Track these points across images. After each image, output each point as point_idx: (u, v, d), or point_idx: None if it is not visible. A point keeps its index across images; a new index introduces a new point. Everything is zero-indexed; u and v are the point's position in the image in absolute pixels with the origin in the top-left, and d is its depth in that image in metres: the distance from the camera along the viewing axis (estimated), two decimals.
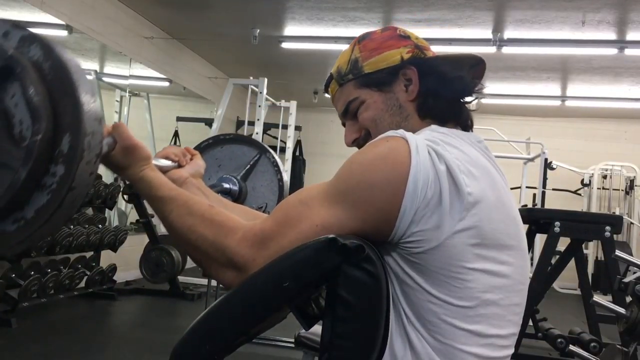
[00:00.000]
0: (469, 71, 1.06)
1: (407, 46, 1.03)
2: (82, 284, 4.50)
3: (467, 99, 1.05)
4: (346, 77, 1.06)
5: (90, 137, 0.77)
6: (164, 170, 1.14)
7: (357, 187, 0.86)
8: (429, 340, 0.86)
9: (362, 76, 1.04)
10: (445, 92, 1.01)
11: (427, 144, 0.87)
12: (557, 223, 3.35)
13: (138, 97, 6.50)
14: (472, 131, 1.05)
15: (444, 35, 5.56)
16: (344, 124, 1.10)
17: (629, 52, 5.49)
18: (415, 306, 0.87)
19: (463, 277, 0.84)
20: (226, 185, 1.44)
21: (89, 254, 4.58)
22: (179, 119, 7.27)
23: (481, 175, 0.88)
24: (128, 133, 1.00)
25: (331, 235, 0.83)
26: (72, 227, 4.20)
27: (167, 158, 1.21)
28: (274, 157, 1.53)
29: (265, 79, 5.37)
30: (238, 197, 1.47)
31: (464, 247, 0.84)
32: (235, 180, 1.45)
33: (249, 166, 1.49)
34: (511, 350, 0.93)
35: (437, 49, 1.07)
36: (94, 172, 0.80)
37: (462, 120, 1.03)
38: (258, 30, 5.74)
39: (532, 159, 6.53)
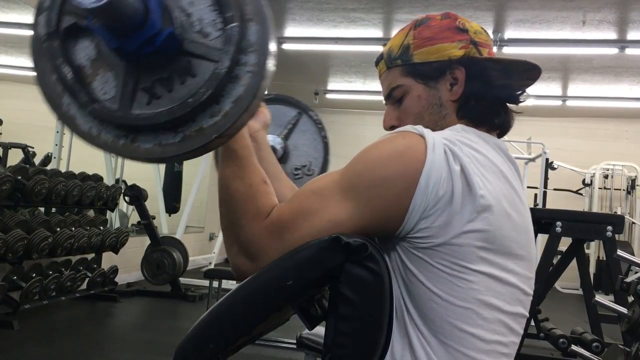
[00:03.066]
0: (520, 75, 1.03)
1: (462, 41, 1.00)
2: (84, 286, 4.50)
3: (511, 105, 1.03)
4: (395, 62, 1.04)
5: (272, 29, 0.77)
6: None
7: (371, 183, 0.86)
8: (430, 340, 0.86)
9: (411, 65, 1.02)
10: (488, 98, 1.00)
11: (444, 143, 0.86)
12: (559, 223, 3.35)
13: None
14: (502, 135, 1.03)
15: None
16: (386, 103, 1.09)
17: (629, 51, 5.50)
18: (419, 304, 0.87)
19: (466, 278, 0.84)
20: (271, 144, 1.41)
21: (90, 256, 4.58)
22: None
23: (496, 180, 0.88)
24: None
25: (334, 234, 0.83)
26: (73, 229, 4.21)
27: None
28: (316, 116, 1.49)
29: None
30: (283, 156, 1.44)
31: (470, 248, 0.83)
32: (279, 139, 1.44)
33: (290, 125, 1.47)
34: (511, 359, 0.93)
35: None
36: (275, 63, 0.79)
37: (496, 126, 1.01)
38: None
39: (533, 159, 6.53)
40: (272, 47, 0.76)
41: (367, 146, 0.90)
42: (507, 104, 1.03)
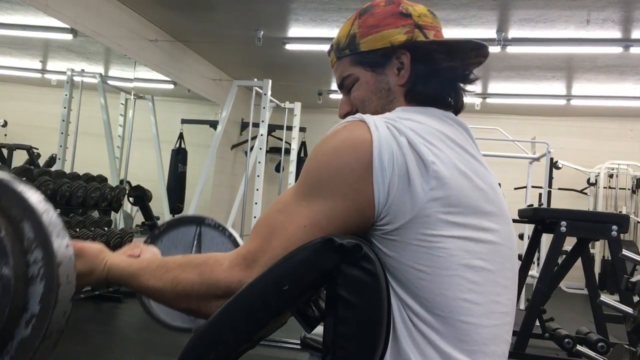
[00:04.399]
0: (467, 55, 1.04)
1: (406, 26, 1.01)
2: (88, 287, 4.51)
3: (462, 86, 1.04)
4: (343, 52, 1.06)
5: (47, 213, 0.78)
6: None
7: (327, 175, 0.87)
8: (427, 319, 0.85)
9: (358, 54, 1.04)
10: (434, 80, 1.01)
11: (385, 121, 0.88)
12: (564, 223, 3.34)
13: (143, 99, 6.52)
14: (457, 113, 1.04)
15: (448, 35, 5.52)
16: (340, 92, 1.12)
17: (634, 50, 5.47)
18: (409, 287, 0.86)
19: (443, 246, 0.85)
20: None
21: None
22: (183, 121, 7.29)
23: (445, 145, 0.89)
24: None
25: (327, 236, 0.83)
26: (78, 230, 4.21)
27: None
28: (212, 221, 1.52)
29: (270, 81, 5.38)
30: None
31: (437, 215, 0.84)
32: None
33: (195, 242, 1.50)
34: (511, 317, 0.94)
35: None
36: (69, 244, 0.79)
37: (446, 106, 1.02)
38: (262, 32, 5.75)
39: (537, 159, 6.50)
40: (55, 234, 0.77)
41: (313, 148, 0.92)
42: (458, 84, 1.03)
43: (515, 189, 7.20)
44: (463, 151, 0.92)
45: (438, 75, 1.01)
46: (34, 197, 0.79)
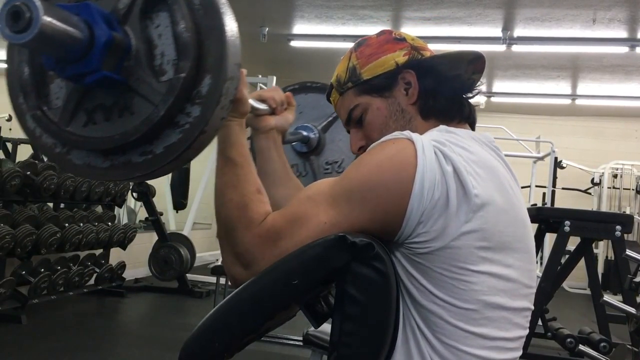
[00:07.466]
0: (467, 67, 1.05)
1: (403, 49, 1.03)
2: (92, 281, 4.52)
3: (468, 95, 1.05)
4: (346, 86, 1.06)
5: (230, 83, 0.76)
6: (256, 113, 1.14)
7: (364, 187, 0.86)
8: (432, 341, 0.86)
9: (362, 83, 1.04)
10: (443, 91, 1.01)
11: (434, 145, 0.87)
12: (567, 222, 3.33)
13: None
14: (474, 127, 1.05)
15: (454, 34, 5.54)
16: (348, 131, 1.11)
17: None
18: (421, 306, 0.86)
19: (468, 280, 0.84)
20: (305, 134, 1.41)
21: (98, 252, 4.61)
22: None
23: (489, 177, 0.88)
24: (242, 86, 0.94)
25: (340, 233, 0.83)
26: (81, 224, 4.23)
27: (265, 101, 1.17)
28: None
29: (274, 77, 5.38)
30: (316, 147, 1.43)
31: (470, 249, 0.83)
32: (315, 130, 1.43)
33: (331, 118, 1.46)
34: (518, 353, 0.93)
35: (446, 47, 1.07)
36: (225, 117, 0.78)
37: (465, 116, 1.03)
38: (267, 29, 5.75)
39: (541, 158, 6.49)
40: (223, 102, 0.75)
41: (360, 155, 0.92)
42: (464, 96, 1.04)
43: (520, 190, 7.18)
44: (504, 183, 0.91)
45: (446, 86, 1.02)
46: (234, 63, 0.76)
